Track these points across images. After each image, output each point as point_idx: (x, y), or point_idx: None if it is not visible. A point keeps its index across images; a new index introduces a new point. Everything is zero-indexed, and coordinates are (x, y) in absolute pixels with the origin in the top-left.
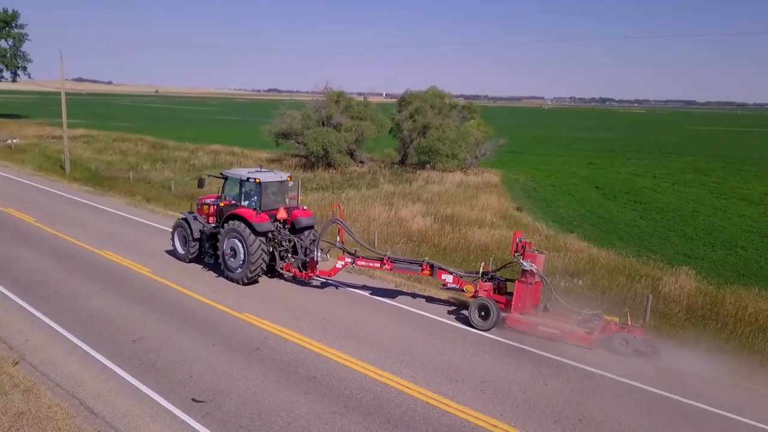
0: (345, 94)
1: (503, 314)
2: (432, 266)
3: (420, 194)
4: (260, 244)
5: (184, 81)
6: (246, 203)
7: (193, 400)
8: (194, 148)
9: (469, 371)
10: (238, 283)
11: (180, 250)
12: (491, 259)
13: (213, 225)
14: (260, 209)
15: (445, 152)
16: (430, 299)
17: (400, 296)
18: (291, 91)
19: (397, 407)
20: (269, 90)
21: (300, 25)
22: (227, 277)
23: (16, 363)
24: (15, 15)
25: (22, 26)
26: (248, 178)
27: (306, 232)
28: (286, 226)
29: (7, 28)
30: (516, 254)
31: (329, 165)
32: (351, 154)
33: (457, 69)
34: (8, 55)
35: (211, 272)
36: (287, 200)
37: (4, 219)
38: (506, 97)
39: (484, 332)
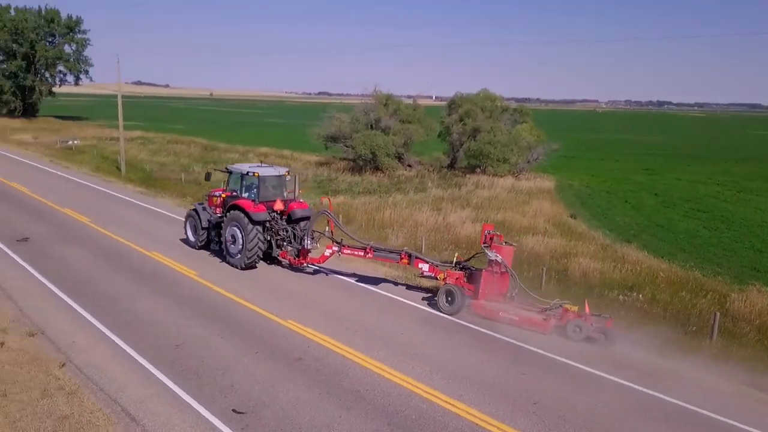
0: (394, 97)
1: (470, 300)
2: (410, 255)
3: (469, 199)
4: (257, 233)
5: (238, 84)
6: (246, 195)
7: (234, 411)
8: (245, 150)
9: (513, 385)
10: (237, 267)
11: (191, 237)
12: (544, 268)
13: (219, 215)
14: (258, 200)
15: (495, 156)
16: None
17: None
18: (341, 94)
19: (444, 428)
20: (319, 93)
21: (351, 27)
22: (228, 263)
23: (63, 365)
24: (78, 21)
25: (84, 31)
26: (248, 172)
27: (301, 223)
28: (284, 216)
29: (70, 34)
30: (484, 245)
31: (377, 168)
32: (399, 158)
33: (508, 71)
34: (71, 59)
35: (255, 276)
36: (285, 193)
37: (62, 219)
38: (558, 100)
39: (450, 316)
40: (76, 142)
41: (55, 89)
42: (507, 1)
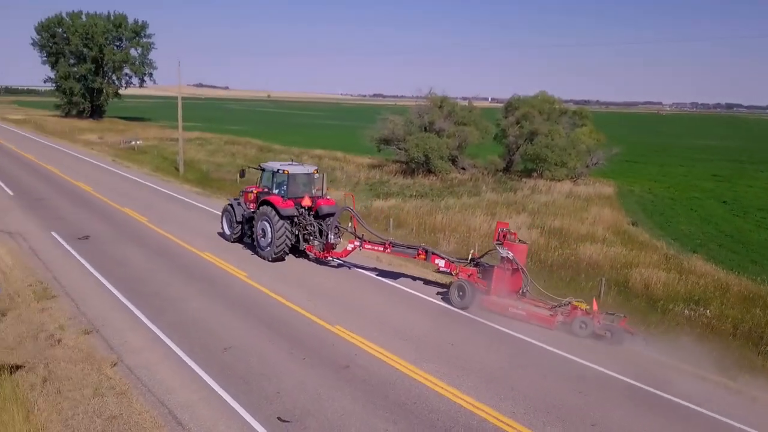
0: (449, 98)
1: (482, 296)
2: (426, 251)
3: (525, 204)
4: (284, 227)
5: (294, 86)
6: (276, 191)
7: (279, 419)
8: (299, 152)
9: (571, 404)
10: (266, 259)
11: (227, 231)
12: (603, 279)
13: (252, 210)
14: (287, 197)
15: (553, 160)
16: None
17: (505, 319)
18: (395, 96)
19: None
20: (374, 95)
21: (407, 29)
22: (259, 255)
23: (114, 364)
24: (144, 25)
25: (149, 36)
26: (278, 170)
27: (328, 219)
28: (311, 212)
29: (137, 38)
30: (496, 242)
31: (430, 171)
32: (453, 161)
33: (567, 73)
34: (137, 62)
35: (304, 279)
36: (313, 190)
37: (121, 218)
38: (619, 102)
39: (462, 311)
40: (138, 142)
41: (121, 91)
42: (565, 2)
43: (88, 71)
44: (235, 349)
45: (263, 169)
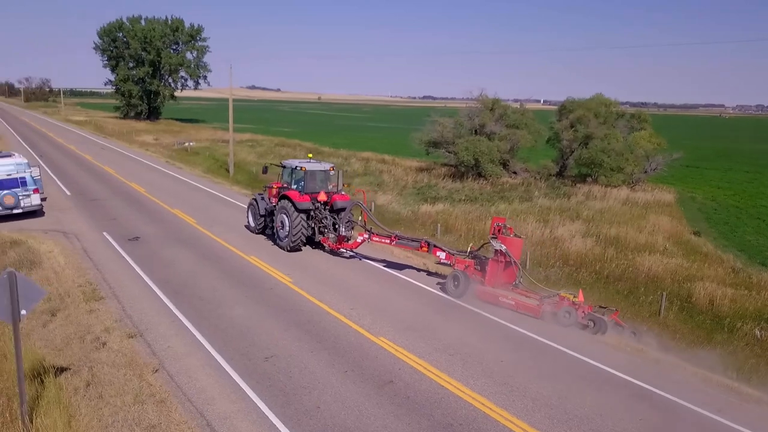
0: (500, 101)
1: (477, 286)
2: (429, 243)
3: (579, 211)
4: (300, 219)
5: (344, 88)
6: (295, 187)
7: None
8: (347, 155)
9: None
10: (284, 249)
11: (252, 223)
12: (664, 293)
13: (273, 204)
14: (304, 192)
15: (609, 165)
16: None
17: (560, 337)
18: (445, 98)
19: None
20: (424, 97)
21: (459, 30)
22: (277, 245)
23: (156, 371)
24: (200, 29)
25: (204, 39)
26: (297, 167)
27: (342, 213)
28: (327, 207)
29: (192, 42)
30: (491, 236)
31: (479, 175)
32: (504, 165)
33: (623, 74)
34: (192, 65)
35: (348, 286)
36: (330, 186)
37: (171, 220)
38: (678, 105)
39: (456, 299)
40: (191, 144)
41: (176, 93)
42: (621, 2)
43: (146, 74)
44: (276, 358)
45: (284, 166)
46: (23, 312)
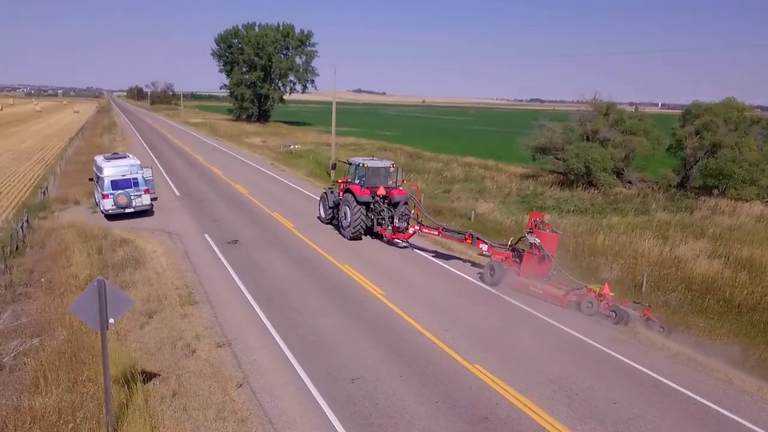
0: (615, 104)
1: (513, 276)
2: (473, 236)
3: (705, 227)
4: (359, 211)
5: (448, 91)
6: (358, 182)
7: None
8: (448, 159)
9: None
10: (345, 237)
11: (322, 214)
12: None
13: (340, 197)
14: (365, 186)
15: (740, 177)
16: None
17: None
18: (554, 101)
19: None
20: (531, 100)
21: (568, 30)
22: (341, 234)
23: (240, 385)
24: (309, 35)
25: (313, 44)
26: (360, 164)
27: (399, 206)
28: (386, 200)
29: (302, 47)
30: (527, 231)
31: (590, 184)
32: (617, 174)
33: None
34: (301, 69)
35: (444, 303)
36: (389, 182)
37: (270, 223)
38: None
39: (491, 287)
40: (296, 146)
41: (285, 96)
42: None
43: (258, 78)
44: (363, 381)
45: (350, 163)
46: (111, 321)
